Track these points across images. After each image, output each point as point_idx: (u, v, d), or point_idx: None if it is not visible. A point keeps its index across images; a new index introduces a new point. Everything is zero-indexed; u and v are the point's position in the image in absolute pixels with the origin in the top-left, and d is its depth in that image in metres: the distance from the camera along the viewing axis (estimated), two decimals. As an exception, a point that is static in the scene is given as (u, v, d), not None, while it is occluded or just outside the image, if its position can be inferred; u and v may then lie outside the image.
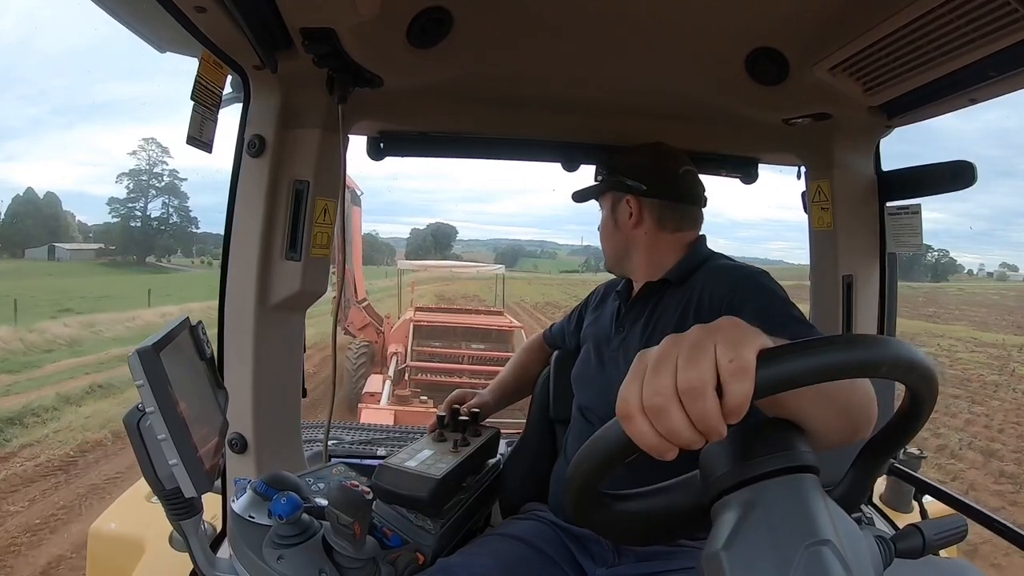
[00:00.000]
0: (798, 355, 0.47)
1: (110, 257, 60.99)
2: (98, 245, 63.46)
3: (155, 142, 66.87)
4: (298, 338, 1.27)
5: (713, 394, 0.45)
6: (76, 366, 11.00)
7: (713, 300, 1.04)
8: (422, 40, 1.09)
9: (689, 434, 0.45)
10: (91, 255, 60.13)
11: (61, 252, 57.50)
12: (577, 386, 1.25)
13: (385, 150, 1.44)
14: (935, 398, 0.54)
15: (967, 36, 0.89)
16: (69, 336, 14.00)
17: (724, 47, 1.15)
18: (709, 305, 1.04)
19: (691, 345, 0.47)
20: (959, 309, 28.22)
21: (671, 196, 1.19)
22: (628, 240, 1.22)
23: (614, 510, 0.61)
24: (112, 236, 64.48)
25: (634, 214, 1.19)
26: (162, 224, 67.17)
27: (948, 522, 0.62)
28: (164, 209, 67.32)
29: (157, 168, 66.13)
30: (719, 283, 1.06)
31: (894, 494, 1.58)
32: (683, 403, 0.45)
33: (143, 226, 65.60)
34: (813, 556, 0.46)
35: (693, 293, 1.09)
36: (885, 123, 1.29)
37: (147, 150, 65.67)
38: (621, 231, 1.22)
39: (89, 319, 16.15)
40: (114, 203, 66.50)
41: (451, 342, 9.04)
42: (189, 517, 0.80)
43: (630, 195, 1.19)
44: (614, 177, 1.23)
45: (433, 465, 1.11)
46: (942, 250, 76.97)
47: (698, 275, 1.12)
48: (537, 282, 48.30)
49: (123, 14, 0.96)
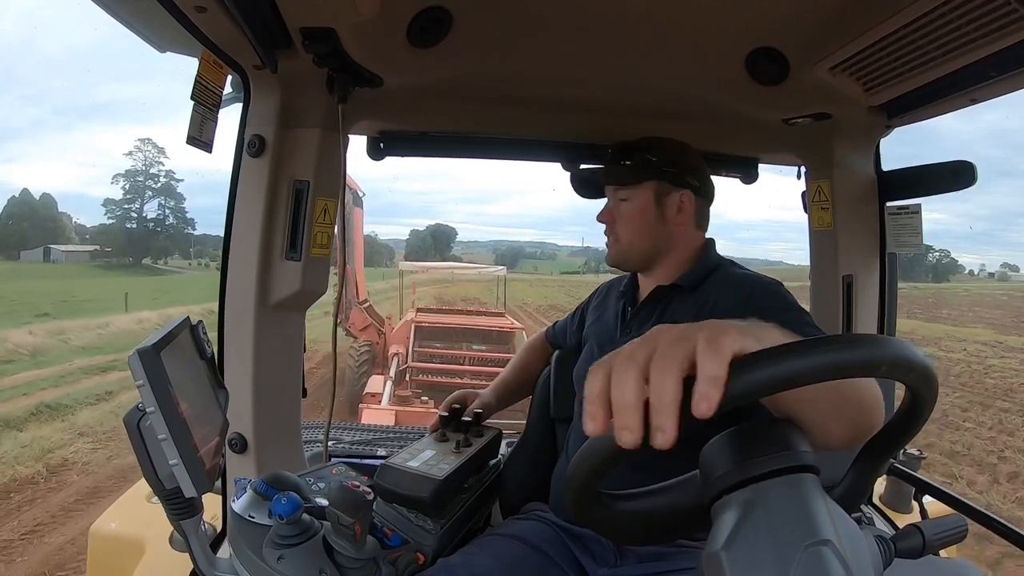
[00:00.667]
0: (771, 361, 0.46)
1: (105, 259, 60.55)
2: (93, 247, 63.16)
3: (151, 142, 67.11)
4: (298, 338, 1.28)
5: (679, 382, 0.44)
6: (33, 380, 10.07)
7: (727, 310, 1.02)
8: (422, 40, 1.09)
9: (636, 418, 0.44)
10: (86, 257, 59.64)
11: (56, 254, 57.11)
12: (579, 385, 1.25)
13: (385, 150, 1.44)
14: (935, 398, 0.54)
15: (967, 36, 0.89)
16: (33, 345, 13.12)
17: (724, 47, 1.15)
18: (723, 314, 1.04)
19: (673, 335, 0.47)
20: (971, 311, 27.26)
21: (711, 196, 1.22)
22: (670, 235, 1.17)
23: (614, 510, 0.61)
24: (108, 238, 64.21)
25: (684, 210, 1.17)
26: (158, 226, 67.04)
27: (948, 522, 0.62)
28: (160, 210, 67.52)
29: (153, 169, 66.28)
30: (732, 292, 1.07)
31: (894, 494, 1.58)
32: (649, 384, 0.45)
33: (139, 227, 65.29)
34: (813, 556, 0.46)
35: (707, 301, 1.09)
36: (885, 123, 1.29)
37: (143, 150, 65.69)
38: (666, 225, 1.17)
39: (59, 326, 15.18)
40: (110, 204, 66.57)
41: (452, 343, 9.07)
42: (189, 517, 0.80)
43: (686, 190, 1.17)
44: (676, 169, 1.18)
45: (436, 465, 1.11)
46: (943, 250, 76.76)
47: (710, 283, 1.12)
48: (539, 284, 47.18)
49: (123, 14, 0.96)
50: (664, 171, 1.17)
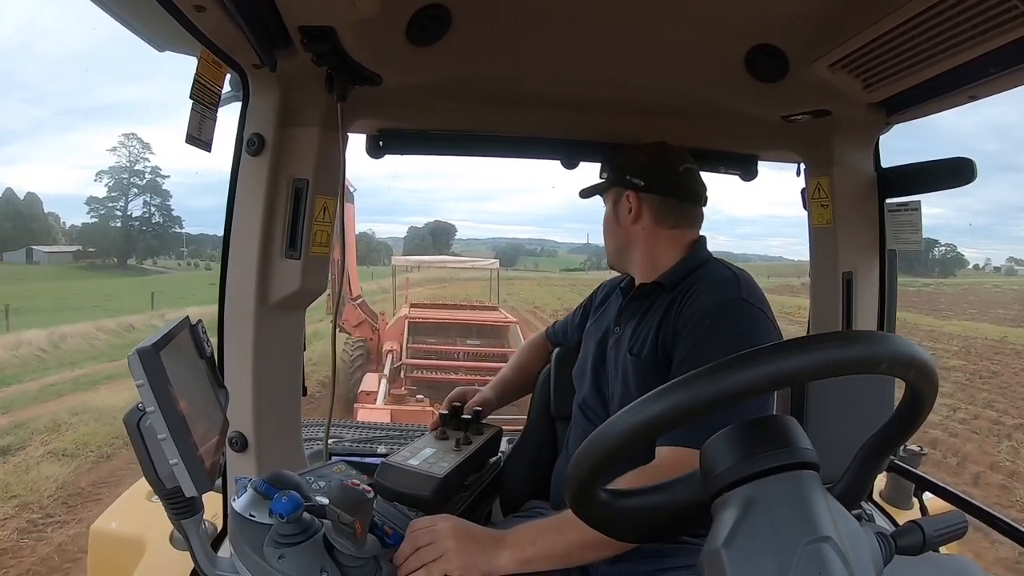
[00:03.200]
0: None
1: (88, 260, 56.76)
2: (76, 247, 59.22)
3: (136, 138, 64.01)
4: (298, 336, 1.27)
5: None
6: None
7: (680, 320, 1.05)
8: (421, 38, 1.09)
9: None
10: (69, 258, 56.31)
11: (39, 255, 54.42)
12: (578, 383, 1.25)
13: (384, 148, 1.44)
14: (935, 394, 0.54)
15: (967, 33, 0.89)
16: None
17: (724, 44, 1.15)
18: (675, 324, 1.06)
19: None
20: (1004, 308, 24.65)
21: (669, 193, 1.19)
22: (628, 236, 1.22)
23: (615, 506, 0.61)
24: (90, 237, 60.12)
25: (633, 209, 1.20)
26: (144, 224, 63.27)
27: (948, 519, 0.62)
28: (146, 208, 63.72)
29: (139, 165, 62.93)
30: (691, 306, 1.06)
31: (894, 491, 1.59)
32: None
33: (124, 226, 62.12)
34: (814, 552, 0.46)
35: (674, 303, 1.09)
36: (885, 120, 1.29)
37: (128, 146, 62.54)
38: (621, 226, 1.23)
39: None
40: (93, 203, 62.47)
41: (446, 338, 9.03)
42: (190, 516, 0.80)
43: (630, 191, 1.20)
44: (616, 174, 1.24)
45: (436, 464, 1.11)
46: (950, 245, 75.99)
47: (687, 283, 1.11)
48: (548, 283, 41.32)
49: (122, 13, 0.95)
50: (613, 178, 1.26)
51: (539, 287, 36.40)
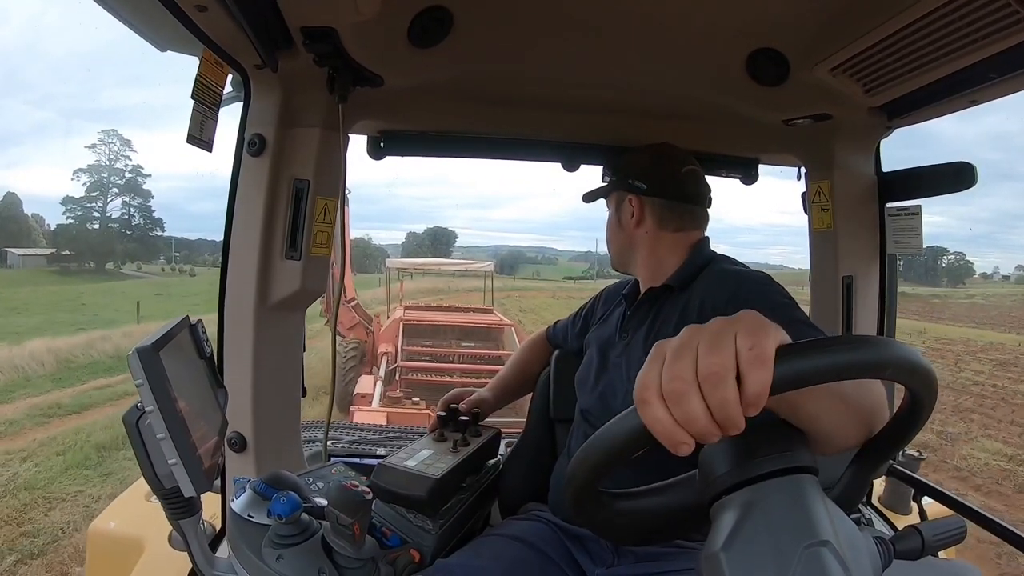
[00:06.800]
0: (815, 351, 0.46)
1: (62, 264, 50.05)
2: (49, 250, 52.12)
3: (116, 134, 58.38)
4: (298, 337, 1.28)
5: (733, 382, 0.44)
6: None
7: (715, 308, 1.03)
8: (423, 39, 1.09)
9: (706, 422, 0.44)
10: (43, 261, 50.24)
11: (13, 258, 49.95)
12: (580, 390, 1.25)
13: (385, 149, 1.44)
14: (934, 400, 0.54)
15: (968, 37, 0.89)
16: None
17: (724, 48, 1.15)
18: (712, 313, 1.03)
19: (712, 333, 0.47)
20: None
21: (672, 195, 1.19)
22: (630, 239, 1.22)
23: (613, 509, 0.61)
24: (66, 239, 52.66)
25: (636, 213, 1.20)
26: (124, 227, 57.91)
27: (947, 523, 0.62)
28: (125, 209, 58.02)
29: (119, 163, 57.43)
30: (719, 290, 1.05)
31: (893, 495, 1.58)
32: (703, 390, 0.45)
33: (102, 228, 56.14)
34: (812, 557, 0.46)
35: (693, 299, 1.08)
36: (885, 124, 1.29)
37: (108, 143, 57.27)
38: (624, 230, 1.23)
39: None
40: (70, 203, 55.49)
41: (441, 341, 9.03)
42: (188, 516, 0.80)
43: (632, 194, 1.20)
44: (618, 177, 1.24)
45: (432, 465, 1.11)
46: (958, 253, 74.99)
47: (699, 280, 1.11)
48: (563, 294, 34.55)
49: (124, 13, 0.96)
50: (614, 182, 1.26)
51: (554, 299, 31.60)
